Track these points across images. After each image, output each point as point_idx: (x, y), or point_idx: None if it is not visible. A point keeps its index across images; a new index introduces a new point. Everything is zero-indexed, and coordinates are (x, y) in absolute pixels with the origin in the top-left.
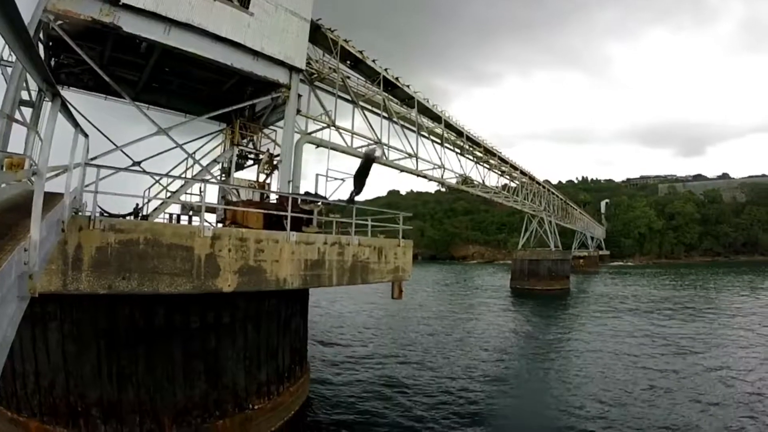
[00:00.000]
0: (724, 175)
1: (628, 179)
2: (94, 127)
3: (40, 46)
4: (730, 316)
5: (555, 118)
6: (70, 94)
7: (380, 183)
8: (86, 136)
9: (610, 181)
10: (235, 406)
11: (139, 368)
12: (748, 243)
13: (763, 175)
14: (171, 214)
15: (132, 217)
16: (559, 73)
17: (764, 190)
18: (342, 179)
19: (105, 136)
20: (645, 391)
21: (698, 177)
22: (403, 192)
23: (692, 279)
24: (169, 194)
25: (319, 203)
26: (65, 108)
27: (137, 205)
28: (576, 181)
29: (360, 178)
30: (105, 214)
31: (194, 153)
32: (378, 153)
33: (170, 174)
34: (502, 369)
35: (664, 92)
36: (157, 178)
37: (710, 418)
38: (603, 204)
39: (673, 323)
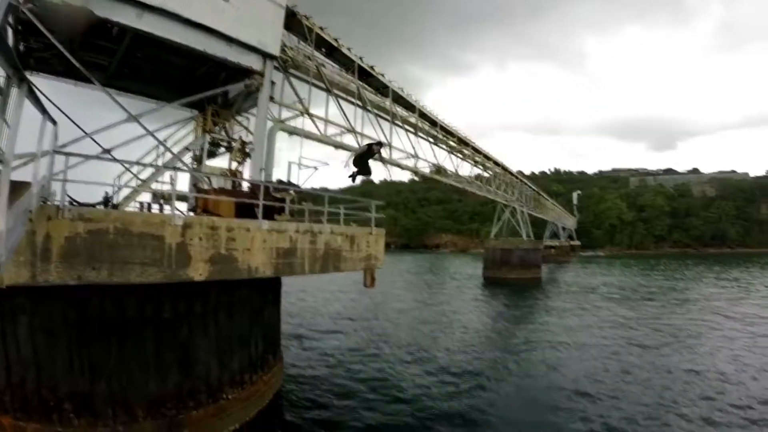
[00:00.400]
0: (694, 170)
1: (600, 171)
2: (63, 113)
3: (9, 30)
4: (700, 308)
5: (529, 110)
6: (39, 80)
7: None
8: (54, 123)
9: (582, 173)
10: (209, 396)
11: (110, 360)
12: (717, 236)
13: (733, 171)
14: (142, 203)
15: (102, 207)
16: (535, 65)
17: (733, 186)
18: (315, 167)
19: (74, 123)
20: (615, 381)
21: (669, 171)
22: (376, 181)
23: (662, 270)
24: (139, 182)
25: (292, 191)
26: (32, 94)
27: (107, 193)
28: (549, 173)
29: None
30: (74, 204)
31: (165, 140)
32: (378, 149)
33: (141, 162)
34: (476, 360)
35: (638, 88)
36: (128, 165)
37: (681, 406)
38: (575, 195)
39: (643, 313)
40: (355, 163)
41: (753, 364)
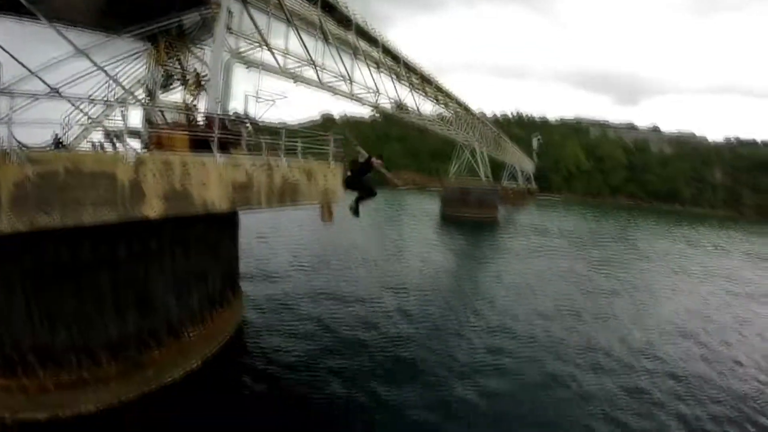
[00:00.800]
0: (655, 128)
1: (563, 119)
2: (6, 51)
3: None
4: (650, 259)
5: (496, 52)
6: None
7: (312, 105)
8: None
9: (544, 119)
10: (170, 335)
11: (68, 306)
12: (670, 193)
13: (692, 134)
14: (94, 143)
15: (53, 148)
16: (505, 6)
17: (691, 147)
18: (273, 100)
19: (18, 62)
20: (566, 322)
21: (630, 126)
22: (336, 116)
23: (616, 219)
24: (90, 121)
25: (248, 125)
26: None
27: (56, 134)
28: (510, 116)
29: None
30: (22, 147)
31: (116, 75)
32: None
33: (91, 98)
34: (432, 299)
35: (609, 40)
36: (77, 103)
37: (628, 346)
38: (535, 140)
39: (596, 260)
40: (349, 183)
41: (695, 314)
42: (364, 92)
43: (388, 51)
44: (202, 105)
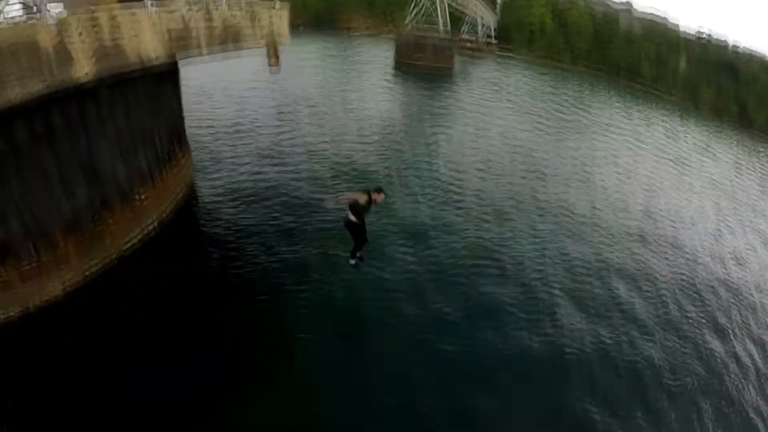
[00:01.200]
0: (627, 4)
1: None
2: None
3: None
4: (604, 130)
5: None
6: None
7: None
8: None
9: None
10: (122, 200)
11: (15, 193)
12: (632, 70)
13: (665, 19)
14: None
15: None
16: None
17: (659, 32)
18: None
19: None
20: (515, 177)
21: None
22: None
23: (575, 85)
24: None
25: None
26: None
27: None
28: None
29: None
30: None
31: None
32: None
33: None
34: (383, 157)
35: None
36: None
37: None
38: None
39: (548, 123)
40: (351, 227)
41: (643, 191)
42: None
43: None
44: None
